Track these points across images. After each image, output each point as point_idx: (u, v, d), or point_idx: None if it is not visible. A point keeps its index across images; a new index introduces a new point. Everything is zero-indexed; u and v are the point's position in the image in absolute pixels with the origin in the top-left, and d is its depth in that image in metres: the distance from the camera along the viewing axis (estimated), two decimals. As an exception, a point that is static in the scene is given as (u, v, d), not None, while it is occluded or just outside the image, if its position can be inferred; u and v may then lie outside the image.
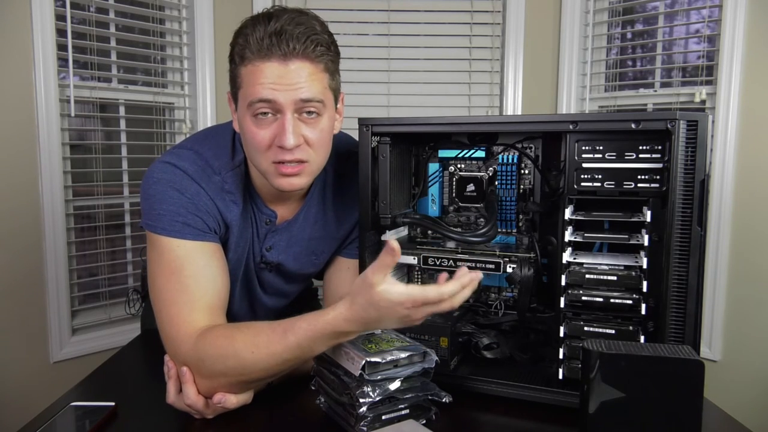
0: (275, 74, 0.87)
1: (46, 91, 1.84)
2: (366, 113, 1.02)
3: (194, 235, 0.93)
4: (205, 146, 0.99)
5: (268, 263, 1.08)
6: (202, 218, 0.95)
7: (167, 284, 0.91)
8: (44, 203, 1.86)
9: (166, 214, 0.93)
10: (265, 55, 0.87)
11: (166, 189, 0.93)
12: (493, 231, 1.01)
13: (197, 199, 0.95)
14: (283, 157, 0.90)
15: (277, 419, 0.87)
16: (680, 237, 0.80)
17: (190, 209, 0.94)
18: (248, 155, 0.97)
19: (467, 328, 1.03)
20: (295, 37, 0.87)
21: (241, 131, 0.94)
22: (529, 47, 2.36)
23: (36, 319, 1.88)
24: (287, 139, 0.88)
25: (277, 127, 0.90)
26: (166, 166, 0.95)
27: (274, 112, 0.89)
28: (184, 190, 0.94)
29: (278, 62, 0.87)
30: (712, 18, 2.02)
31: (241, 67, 0.90)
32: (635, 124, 0.82)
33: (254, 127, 0.90)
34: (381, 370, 0.79)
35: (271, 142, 0.90)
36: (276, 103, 0.88)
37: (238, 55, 0.90)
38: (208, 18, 2.26)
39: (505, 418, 0.89)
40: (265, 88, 0.87)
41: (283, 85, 0.87)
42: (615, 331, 0.86)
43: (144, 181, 0.96)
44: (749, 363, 1.91)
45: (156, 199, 0.94)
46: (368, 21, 2.41)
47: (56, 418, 0.83)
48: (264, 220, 1.04)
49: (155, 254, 0.94)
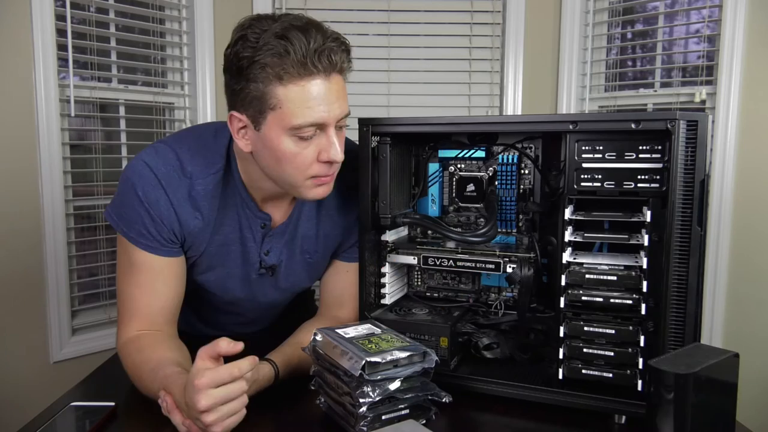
0: (321, 94, 0.86)
1: (46, 91, 1.84)
2: (366, 113, 1.03)
3: (146, 246, 0.97)
4: (184, 147, 0.98)
5: (267, 267, 1.08)
6: (156, 230, 0.96)
7: (120, 283, 1.00)
8: (44, 203, 1.86)
9: (126, 218, 0.96)
10: (309, 72, 0.84)
11: (130, 191, 0.95)
12: (493, 231, 1.01)
13: (155, 208, 0.95)
14: (326, 171, 0.91)
15: (277, 419, 0.87)
16: (680, 237, 0.80)
17: (146, 220, 0.95)
18: (276, 173, 0.93)
19: (467, 328, 1.03)
20: (334, 50, 0.86)
21: (271, 151, 0.90)
22: (529, 47, 2.36)
23: (36, 319, 1.88)
24: (337, 154, 0.90)
25: (321, 143, 0.89)
26: (140, 164, 0.96)
27: (316, 130, 0.88)
28: (146, 197, 0.95)
29: (322, 79, 0.86)
30: (712, 18, 2.02)
31: (278, 87, 0.84)
32: (635, 124, 0.82)
33: (295, 147, 0.88)
34: (381, 370, 0.79)
35: (314, 159, 0.90)
36: (324, 123, 0.88)
37: (272, 71, 0.83)
38: (208, 18, 2.26)
39: (505, 418, 0.89)
40: (315, 111, 0.85)
41: (329, 104, 0.86)
42: (615, 331, 0.86)
43: (123, 172, 0.99)
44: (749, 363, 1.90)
45: (121, 200, 0.97)
46: (368, 21, 2.41)
47: (56, 418, 0.83)
48: (259, 224, 1.04)
49: (119, 245, 1.00)
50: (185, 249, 1.01)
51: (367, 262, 1.02)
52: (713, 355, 0.69)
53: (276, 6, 2.31)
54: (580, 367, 0.88)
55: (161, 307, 0.99)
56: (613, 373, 0.86)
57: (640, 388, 0.85)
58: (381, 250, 1.06)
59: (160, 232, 0.96)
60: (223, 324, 1.19)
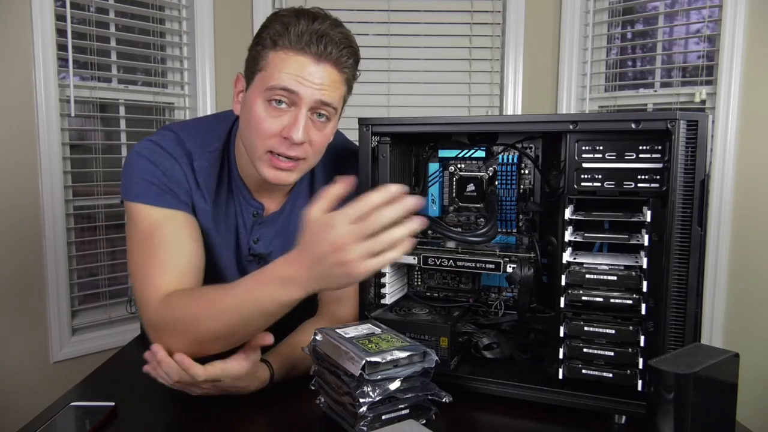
0: (305, 69, 0.89)
1: (46, 91, 1.84)
2: (366, 113, 1.02)
3: (165, 202, 0.96)
4: (184, 130, 1.02)
5: (256, 255, 1.09)
6: (173, 189, 0.97)
7: (138, 250, 0.94)
8: (44, 203, 1.86)
9: (139, 182, 0.96)
10: (302, 48, 0.89)
11: (141, 161, 0.97)
12: (493, 231, 1.01)
13: (171, 172, 0.97)
14: (284, 151, 0.92)
15: (277, 419, 0.87)
16: (680, 237, 0.80)
17: (162, 179, 0.96)
18: (244, 138, 0.97)
19: (467, 328, 1.03)
20: (335, 42, 0.90)
21: (246, 112, 0.94)
22: (529, 47, 2.36)
23: (36, 319, 1.88)
24: (296, 133, 0.90)
25: (288, 119, 0.91)
26: (147, 143, 0.99)
27: (289, 104, 0.91)
28: (159, 163, 0.97)
29: (311, 59, 0.89)
30: (712, 18, 2.02)
31: (270, 50, 0.90)
32: (635, 124, 0.82)
33: (264, 111, 0.91)
34: (381, 370, 0.79)
35: (277, 132, 0.91)
36: (297, 95, 0.89)
37: (270, 38, 0.90)
38: (208, 18, 2.26)
39: (505, 418, 0.89)
40: (292, 78, 0.89)
41: (309, 82, 0.89)
42: (615, 331, 0.86)
43: (127, 156, 1.00)
44: (749, 363, 1.90)
45: (132, 172, 0.97)
46: (368, 21, 2.41)
47: (56, 418, 0.83)
48: (251, 212, 1.05)
49: (130, 224, 0.97)
50: None
51: (367, 262, 1.02)
52: (713, 355, 0.69)
53: (276, 6, 2.31)
54: (580, 367, 0.88)
55: (189, 265, 0.94)
56: (613, 373, 0.86)
57: (640, 388, 0.85)
58: (381, 250, 1.06)
59: (178, 193, 0.97)
60: None
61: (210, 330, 0.82)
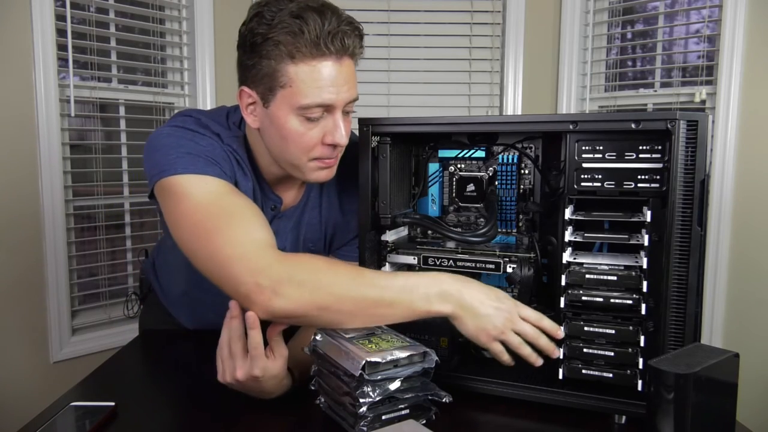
0: (331, 75, 0.86)
1: (46, 91, 1.84)
2: (366, 113, 1.03)
3: (217, 173, 0.89)
4: (202, 115, 0.99)
5: None
6: (220, 163, 0.91)
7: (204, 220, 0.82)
8: (44, 203, 1.86)
9: (183, 156, 0.87)
10: (321, 53, 0.84)
11: (179, 139, 0.90)
12: (493, 231, 1.01)
13: (212, 149, 0.91)
14: (329, 155, 0.92)
15: (277, 419, 0.87)
16: (680, 237, 0.80)
17: (206, 153, 0.90)
18: (278, 150, 0.93)
19: (467, 328, 1.03)
20: (348, 34, 0.86)
21: (277, 129, 0.90)
22: (529, 47, 2.36)
23: (36, 319, 1.88)
24: (342, 138, 0.90)
25: (327, 125, 0.89)
26: (170, 128, 0.93)
27: (323, 112, 0.89)
28: (197, 141, 0.91)
29: (333, 61, 0.86)
30: (712, 18, 2.02)
31: (290, 65, 0.84)
32: (635, 124, 0.82)
33: (301, 127, 0.89)
34: (381, 370, 0.79)
35: (318, 141, 0.90)
36: (332, 105, 0.88)
37: (286, 50, 0.84)
38: (208, 18, 2.26)
39: (505, 418, 0.89)
40: (324, 92, 0.86)
41: (337, 87, 0.87)
42: (615, 331, 0.86)
43: (149, 142, 0.93)
44: (749, 363, 1.90)
45: (168, 149, 0.89)
46: (368, 21, 2.41)
47: (56, 418, 0.83)
48: (270, 205, 1.04)
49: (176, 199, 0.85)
50: None
51: (367, 262, 1.02)
52: (713, 355, 0.69)
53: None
54: (580, 367, 0.88)
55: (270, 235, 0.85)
56: (613, 373, 0.86)
57: (640, 388, 0.85)
58: (381, 250, 1.06)
59: (224, 169, 0.90)
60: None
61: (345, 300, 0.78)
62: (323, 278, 0.78)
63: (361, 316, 0.82)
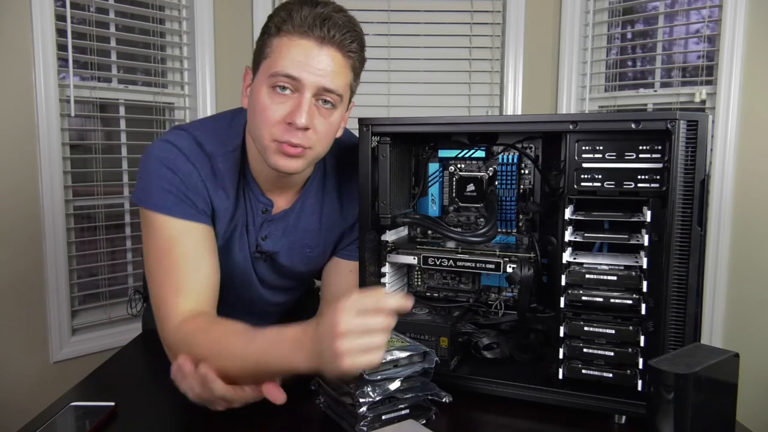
0: (308, 54, 0.88)
1: (46, 91, 1.84)
2: (366, 113, 1.03)
3: (184, 214, 0.95)
4: (199, 130, 1.00)
5: (263, 253, 1.08)
6: (192, 198, 0.96)
7: (157, 264, 0.94)
8: (44, 203, 1.86)
9: (158, 191, 0.94)
10: (305, 32, 0.88)
11: (160, 166, 0.95)
12: (493, 231, 1.01)
13: (189, 179, 0.96)
14: (289, 138, 0.90)
15: (277, 419, 0.87)
16: (680, 237, 0.80)
17: (180, 188, 0.95)
18: (251, 128, 0.96)
19: (467, 328, 1.03)
20: (338, 25, 0.88)
21: (253, 102, 0.93)
22: (529, 47, 2.36)
23: (36, 319, 1.88)
24: (300, 117, 0.88)
25: (292, 104, 0.90)
26: (164, 144, 0.97)
27: (293, 90, 0.90)
28: (177, 170, 0.95)
29: (315, 43, 0.88)
30: (712, 18, 2.02)
31: (275, 37, 0.89)
32: (635, 124, 0.82)
33: (268, 99, 0.90)
34: (381, 370, 0.79)
35: (281, 119, 0.90)
36: (299, 81, 0.88)
37: (275, 25, 0.90)
38: (208, 18, 2.26)
39: (505, 418, 0.89)
40: (294, 64, 0.88)
41: (312, 67, 0.88)
42: (615, 331, 0.86)
43: (142, 158, 0.98)
44: (749, 363, 1.90)
45: (149, 176, 0.95)
46: (368, 21, 2.41)
47: (56, 418, 0.83)
48: (260, 208, 1.04)
49: (147, 230, 0.96)
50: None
51: (367, 262, 1.02)
52: (713, 355, 0.69)
53: (276, 5, 2.31)
54: (580, 367, 0.88)
55: (206, 281, 0.95)
56: (613, 373, 0.86)
57: (640, 388, 0.85)
58: (381, 250, 1.06)
59: (196, 202, 0.96)
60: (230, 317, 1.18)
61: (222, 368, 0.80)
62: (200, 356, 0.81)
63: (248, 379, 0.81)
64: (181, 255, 0.93)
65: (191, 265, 0.94)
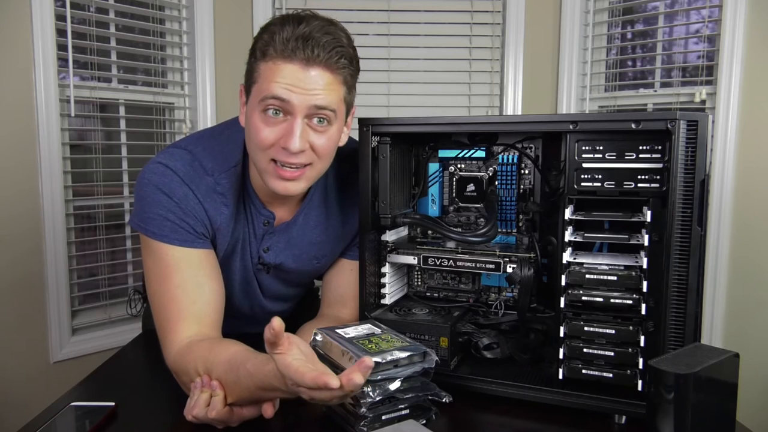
0: (294, 76, 0.87)
1: (46, 91, 1.84)
2: (366, 113, 1.02)
3: (181, 241, 0.94)
4: (199, 146, 0.99)
5: (265, 264, 1.08)
6: (189, 223, 0.95)
7: (158, 290, 0.94)
8: (44, 203, 1.86)
9: (155, 218, 0.94)
10: (288, 56, 0.87)
11: (155, 192, 0.94)
12: (493, 231, 1.01)
13: (185, 203, 0.95)
14: (285, 159, 0.90)
15: (277, 419, 0.87)
16: (680, 237, 0.80)
17: (178, 214, 0.94)
18: (249, 151, 0.96)
19: (467, 328, 1.03)
20: (321, 44, 0.87)
21: (248, 125, 0.94)
22: (529, 47, 2.36)
23: (36, 319, 1.88)
24: (293, 143, 0.88)
25: (284, 128, 0.89)
26: (158, 167, 0.96)
27: (284, 113, 0.89)
28: (173, 194, 0.94)
29: (300, 65, 0.87)
30: (712, 18, 2.02)
31: (261, 62, 0.89)
32: (635, 124, 0.82)
33: (261, 123, 0.90)
34: (381, 370, 0.79)
35: (274, 142, 0.90)
36: (289, 104, 0.88)
37: (260, 50, 0.90)
38: (208, 18, 2.26)
39: (505, 418, 0.89)
40: (282, 87, 0.87)
41: (300, 89, 0.87)
42: (615, 331, 0.86)
43: (137, 180, 0.97)
44: (749, 363, 1.90)
45: (146, 202, 0.95)
46: (368, 21, 2.41)
47: (56, 418, 0.83)
48: (262, 221, 1.04)
49: (147, 254, 0.97)
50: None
51: (367, 262, 1.02)
52: (713, 355, 0.69)
53: (276, 6, 2.31)
54: (580, 367, 0.88)
55: (208, 306, 0.95)
56: (613, 373, 0.86)
57: (640, 388, 0.85)
58: (381, 250, 1.06)
59: (194, 226, 0.95)
60: (232, 326, 1.19)
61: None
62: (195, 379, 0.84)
63: (247, 402, 0.82)
64: (181, 282, 0.93)
65: (191, 292, 0.93)
